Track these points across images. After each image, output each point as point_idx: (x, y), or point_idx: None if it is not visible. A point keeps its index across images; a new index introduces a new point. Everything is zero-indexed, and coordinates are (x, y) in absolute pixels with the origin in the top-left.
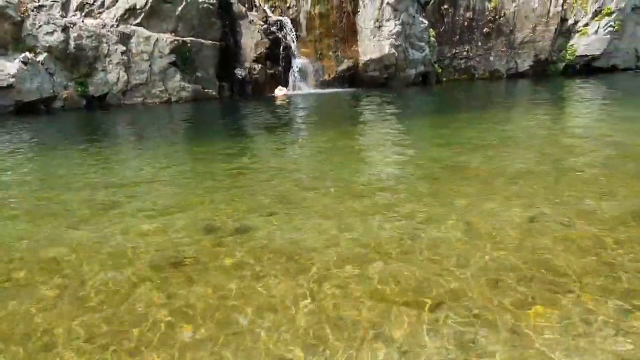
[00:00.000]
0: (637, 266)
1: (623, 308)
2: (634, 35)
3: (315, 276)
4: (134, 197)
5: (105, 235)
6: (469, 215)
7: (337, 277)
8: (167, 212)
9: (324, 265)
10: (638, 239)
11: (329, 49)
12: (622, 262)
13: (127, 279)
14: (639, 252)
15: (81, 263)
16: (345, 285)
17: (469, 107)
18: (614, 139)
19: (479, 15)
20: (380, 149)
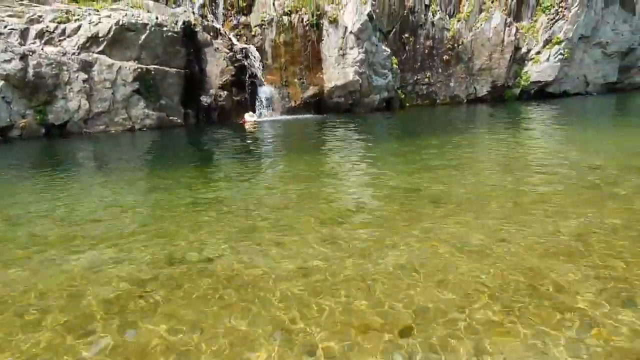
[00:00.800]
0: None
1: (577, 338)
2: (582, 62)
3: (281, 307)
4: (92, 227)
5: (63, 268)
6: (434, 238)
7: (305, 306)
8: (128, 242)
9: (289, 294)
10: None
11: (295, 76)
12: (582, 278)
13: (83, 314)
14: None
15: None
16: (316, 317)
17: (432, 131)
18: (568, 160)
19: (438, 43)
20: (347, 175)
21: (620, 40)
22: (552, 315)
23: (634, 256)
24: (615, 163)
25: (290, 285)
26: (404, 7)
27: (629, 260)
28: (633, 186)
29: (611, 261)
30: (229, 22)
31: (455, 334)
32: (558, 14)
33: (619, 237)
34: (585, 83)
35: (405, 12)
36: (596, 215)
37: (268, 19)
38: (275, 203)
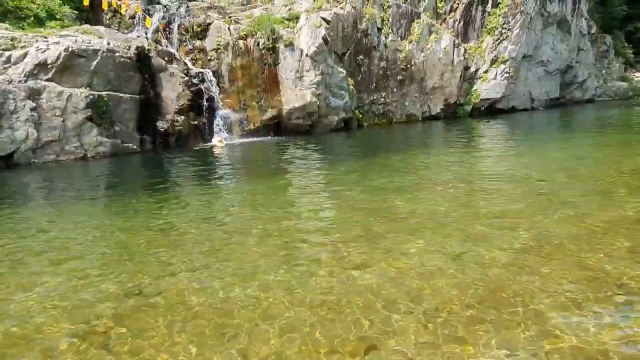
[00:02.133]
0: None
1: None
2: (526, 80)
3: (241, 340)
4: (43, 259)
5: (4, 305)
6: (395, 257)
7: (266, 340)
8: (81, 275)
9: (251, 326)
10: (547, 266)
11: (253, 99)
12: (538, 291)
13: (35, 356)
14: (551, 278)
15: None
16: (276, 347)
17: (390, 150)
18: (520, 174)
19: (392, 64)
20: (308, 196)
21: (560, 59)
22: (515, 326)
23: (583, 268)
24: (561, 174)
25: (248, 312)
26: (357, 30)
27: (583, 269)
28: (580, 195)
29: (567, 270)
30: (184, 47)
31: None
32: (502, 35)
33: (571, 245)
34: (531, 99)
35: (358, 35)
36: (547, 225)
37: (224, 43)
38: (234, 227)
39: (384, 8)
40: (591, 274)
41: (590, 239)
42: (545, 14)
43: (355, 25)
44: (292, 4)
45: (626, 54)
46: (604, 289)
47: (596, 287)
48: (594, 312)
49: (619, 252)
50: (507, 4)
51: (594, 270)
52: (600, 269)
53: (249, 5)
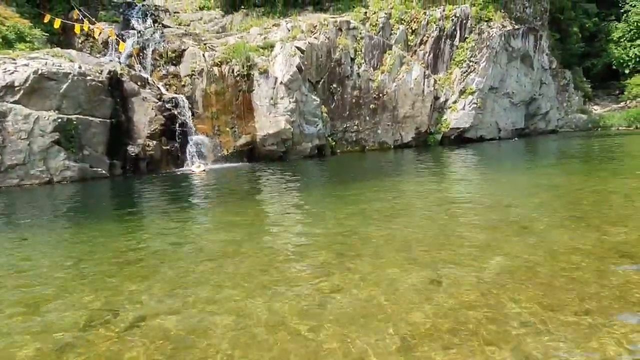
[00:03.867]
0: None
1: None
2: (493, 110)
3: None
4: (4, 291)
5: None
6: (371, 283)
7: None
8: (47, 306)
9: (223, 355)
10: (522, 290)
11: (227, 125)
12: (512, 313)
13: None
14: (526, 300)
15: None
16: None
17: (363, 177)
18: (490, 201)
19: (364, 93)
20: (282, 222)
21: (524, 91)
22: (486, 351)
23: (552, 293)
24: (529, 201)
25: (223, 341)
26: (331, 60)
27: (548, 294)
28: (545, 221)
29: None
30: (157, 72)
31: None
32: (470, 68)
33: (540, 271)
34: (498, 129)
35: (332, 64)
36: (517, 251)
37: (198, 69)
38: (206, 253)
39: (356, 39)
40: (559, 298)
41: (557, 264)
42: (510, 49)
43: (329, 54)
44: (267, 33)
45: (585, 88)
46: (571, 313)
47: (563, 312)
48: (563, 336)
49: (584, 278)
50: (474, 38)
51: (562, 294)
52: (568, 293)
53: (225, 33)
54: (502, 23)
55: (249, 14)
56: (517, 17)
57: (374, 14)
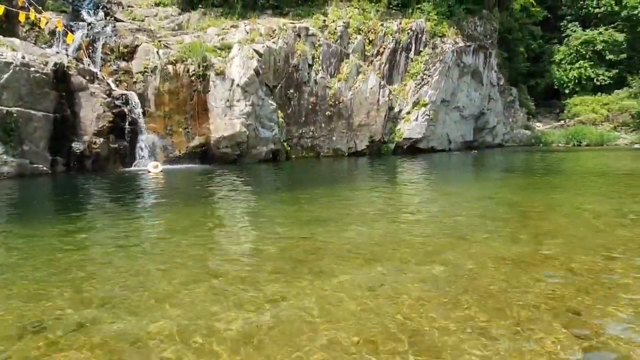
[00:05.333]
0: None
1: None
2: (444, 123)
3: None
4: None
5: None
6: (321, 288)
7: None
8: None
9: None
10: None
11: (180, 125)
12: (446, 323)
13: None
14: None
15: None
16: None
17: (317, 183)
18: (437, 210)
19: (321, 100)
20: (231, 226)
21: (473, 106)
22: (426, 356)
23: (491, 301)
24: (473, 211)
25: (163, 346)
26: (288, 65)
27: (489, 300)
28: (488, 232)
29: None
30: (107, 67)
31: None
32: (423, 80)
33: (481, 279)
34: (449, 141)
35: (290, 70)
36: (459, 260)
37: (151, 66)
38: (150, 256)
39: (315, 46)
40: (498, 305)
41: (494, 274)
42: (461, 64)
43: (287, 59)
44: (225, 34)
45: (529, 106)
46: (506, 322)
47: (502, 319)
48: (499, 341)
49: (519, 287)
50: (428, 52)
51: (498, 303)
52: (505, 301)
53: (180, 31)
54: (455, 39)
55: (207, 13)
56: (469, 34)
57: (333, 22)
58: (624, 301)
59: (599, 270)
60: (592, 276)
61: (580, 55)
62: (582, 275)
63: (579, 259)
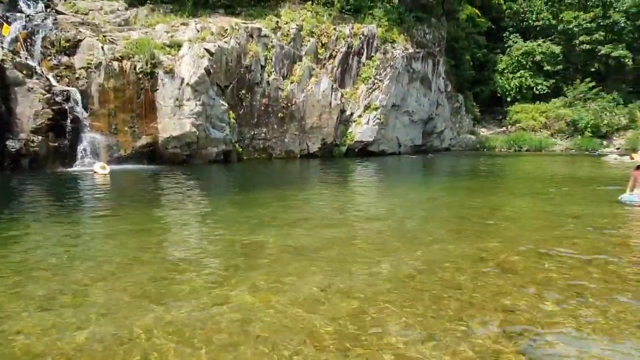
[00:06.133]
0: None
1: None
2: (394, 127)
3: None
4: None
5: None
6: (266, 292)
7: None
8: None
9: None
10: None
11: (125, 124)
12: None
13: None
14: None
15: None
16: None
17: (269, 185)
18: (385, 212)
19: (273, 101)
20: (182, 229)
21: (422, 111)
22: (372, 353)
23: (427, 300)
24: (420, 213)
25: (108, 354)
26: (240, 66)
27: (436, 299)
28: (432, 233)
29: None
30: (47, 62)
31: None
32: (374, 85)
33: (424, 278)
34: (398, 144)
35: (242, 70)
36: (406, 259)
37: (95, 62)
38: (94, 262)
39: (267, 47)
40: (438, 305)
41: (438, 273)
42: (411, 70)
43: (239, 60)
44: (175, 32)
45: (474, 112)
46: (449, 319)
47: (442, 317)
48: (440, 340)
49: (466, 286)
50: (380, 57)
51: (441, 301)
52: (447, 300)
53: (127, 27)
54: (405, 46)
55: (156, 9)
56: (418, 41)
57: (286, 24)
58: (553, 298)
59: (533, 269)
60: (526, 274)
61: (521, 65)
62: (517, 273)
63: (515, 258)
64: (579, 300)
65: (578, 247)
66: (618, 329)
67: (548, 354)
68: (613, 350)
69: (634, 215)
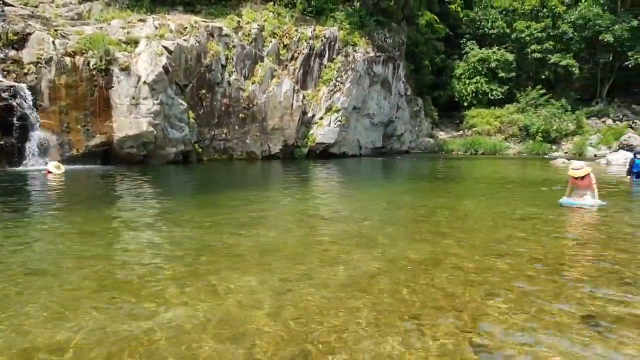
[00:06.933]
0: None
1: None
2: (355, 129)
3: None
4: None
5: None
6: (223, 294)
7: None
8: None
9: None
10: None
11: (78, 122)
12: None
13: None
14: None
15: None
16: None
17: (229, 186)
18: (345, 214)
19: (235, 102)
20: (133, 231)
21: (383, 113)
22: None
23: (384, 300)
24: (378, 216)
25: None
26: (201, 65)
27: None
28: (390, 235)
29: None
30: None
31: None
32: (336, 87)
33: (380, 281)
34: (359, 146)
35: (202, 69)
36: (362, 262)
37: (46, 57)
38: (39, 264)
39: (228, 47)
40: (393, 305)
41: (394, 274)
42: (372, 73)
43: (199, 59)
44: (132, 28)
45: (433, 116)
46: (403, 318)
47: (395, 317)
48: (395, 340)
49: (420, 287)
50: (341, 60)
51: (396, 301)
52: (402, 300)
53: (81, 21)
54: (366, 49)
55: (111, 4)
56: (379, 45)
57: (247, 24)
58: (503, 296)
59: (486, 268)
60: (475, 274)
61: (477, 72)
62: (471, 273)
63: (470, 259)
64: (527, 298)
65: (528, 247)
66: (561, 325)
67: (498, 351)
68: (558, 346)
69: (574, 216)
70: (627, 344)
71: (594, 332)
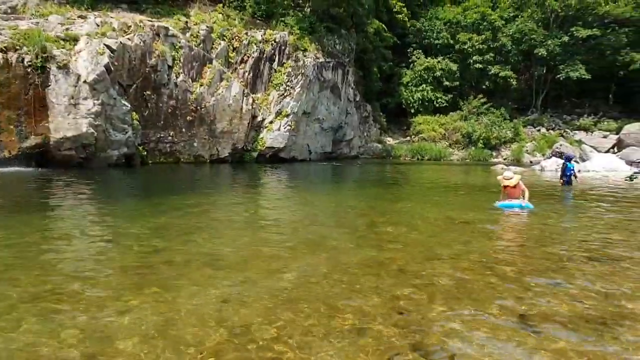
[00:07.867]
0: None
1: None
2: (305, 134)
3: None
4: None
5: None
6: (165, 301)
7: None
8: None
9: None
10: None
11: (10, 122)
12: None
13: None
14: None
15: None
16: None
17: (175, 190)
18: (294, 219)
19: (182, 104)
20: (70, 240)
21: (332, 119)
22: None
23: (329, 304)
24: (327, 220)
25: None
26: (145, 64)
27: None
28: (338, 240)
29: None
30: None
31: None
32: (286, 92)
33: (325, 284)
34: (309, 151)
35: (147, 70)
36: (309, 266)
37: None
38: None
39: (175, 47)
40: (338, 309)
41: (341, 278)
42: (322, 78)
43: (143, 59)
44: (71, 24)
45: (381, 122)
46: (348, 322)
47: (340, 320)
48: (338, 344)
49: (364, 289)
50: (291, 65)
51: (341, 305)
52: (346, 305)
53: (14, 16)
54: (316, 55)
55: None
56: (329, 51)
57: (196, 25)
58: (444, 298)
59: (427, 272)
60: (421, 277)
61: (423, 80)
62: (413, 276)
63: (412, 262)
64: (468, 299)
65: (469, 249)
66: (500, 325)
67: (439, 351)
68: (495, 346)
69: (509, 219)
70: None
71: (527, 329)
